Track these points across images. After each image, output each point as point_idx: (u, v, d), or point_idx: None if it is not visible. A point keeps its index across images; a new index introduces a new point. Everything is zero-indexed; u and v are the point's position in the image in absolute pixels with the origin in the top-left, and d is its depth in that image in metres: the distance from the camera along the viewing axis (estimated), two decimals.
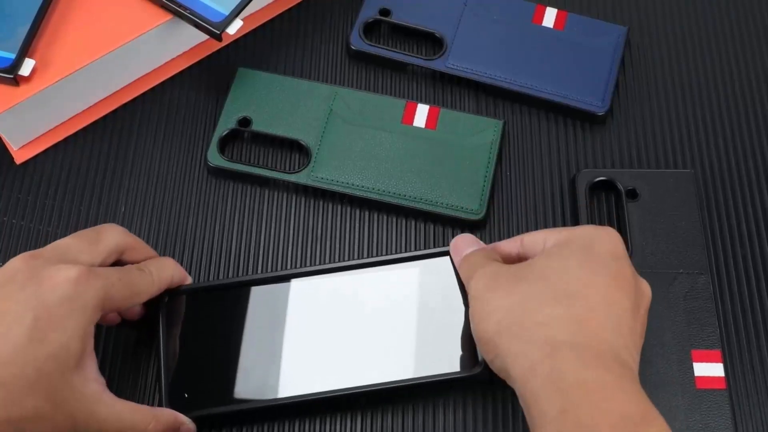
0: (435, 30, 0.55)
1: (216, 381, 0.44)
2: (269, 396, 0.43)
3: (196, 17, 0.50)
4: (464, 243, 0.45)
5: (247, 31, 0.56)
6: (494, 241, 0.45)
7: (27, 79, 0.48)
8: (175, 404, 0.43)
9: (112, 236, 0.42)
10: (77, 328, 0.37)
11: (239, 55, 0.56)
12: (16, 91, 0.48)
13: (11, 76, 0.47)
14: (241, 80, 0.54)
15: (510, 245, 0.44)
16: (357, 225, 0.50)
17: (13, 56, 0.48)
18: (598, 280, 0.38)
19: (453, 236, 0.49)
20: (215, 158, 0.51)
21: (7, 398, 0.35)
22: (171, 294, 0.45)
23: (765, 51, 0.57)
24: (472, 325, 0.41)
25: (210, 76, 0.55)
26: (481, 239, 0.49)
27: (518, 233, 0.50)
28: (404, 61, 0.55)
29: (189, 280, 0.46)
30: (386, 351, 0.44)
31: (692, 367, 0.45)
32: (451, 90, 0.55)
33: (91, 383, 0.38)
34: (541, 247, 0.42)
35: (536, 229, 0.50)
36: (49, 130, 0.52)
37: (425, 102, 0.54)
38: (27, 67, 0.48)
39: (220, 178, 0.52)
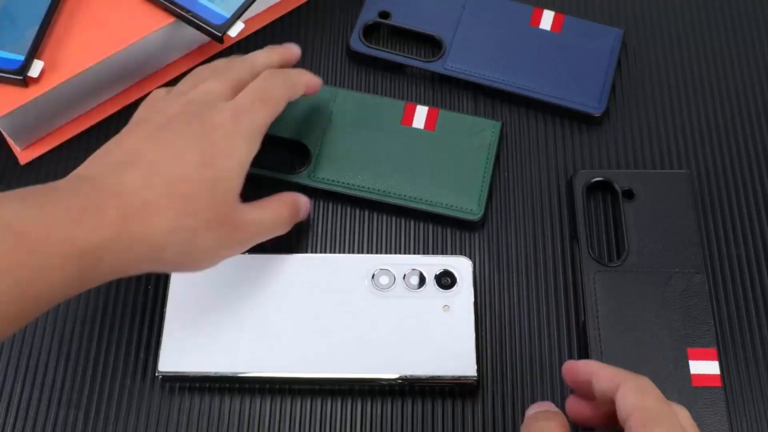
0: (434, 32, 0.56)
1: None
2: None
3: (198, 20, 0.51)
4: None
5: (248, 33, 0.57)
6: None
7: (35, 80, 0.49)
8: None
9: (244, 71, 0.47)
10: (238, 157, 0.43)
11: None
12: (24, 92, 0.48)
13: (21, 78, 0.48)
14: None
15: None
16: (357, 225, 0.51)
17: (22, 58, 0.48)
18: None
19: (452, 236, 0.50)
20: None
21: (186, 209, 0.40)
22: None
23: (759, 52, 0.57)
24: None
25: None
26: (479, 239, 0.50)
27: (516, 233, 0.51)
28: (403, 63, 0.55)
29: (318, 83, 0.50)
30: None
31: (688, 365, 0.45)
32: (450, 92, 0.55)
33: (240, 201, 0.44)
34: None
35: (533, 229, 0.51)
36: (53, 132, 0.53)
37: (424, 103, 0.54)
38: (36, 69, 0.48)
39: None
